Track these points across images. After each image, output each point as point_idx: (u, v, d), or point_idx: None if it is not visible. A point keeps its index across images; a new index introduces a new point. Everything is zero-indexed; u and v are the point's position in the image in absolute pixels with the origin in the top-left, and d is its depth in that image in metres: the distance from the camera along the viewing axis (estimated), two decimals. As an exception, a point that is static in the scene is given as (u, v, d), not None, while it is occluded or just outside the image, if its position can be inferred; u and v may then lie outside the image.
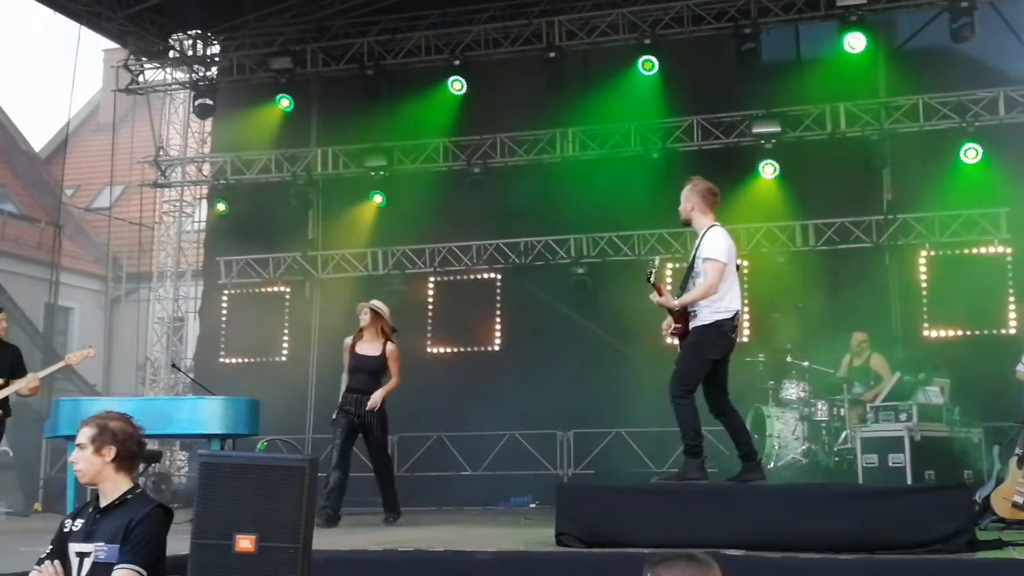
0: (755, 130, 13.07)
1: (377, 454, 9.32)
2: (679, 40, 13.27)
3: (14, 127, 23.74)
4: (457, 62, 13.91)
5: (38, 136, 25.81)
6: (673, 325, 6.90)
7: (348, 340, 9.42)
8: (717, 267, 6.69)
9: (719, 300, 6.73)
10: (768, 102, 13.11)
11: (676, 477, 6.96)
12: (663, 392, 6.96)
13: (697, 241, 6.93)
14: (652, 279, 6.87)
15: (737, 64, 12.86)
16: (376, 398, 9.16)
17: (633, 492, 6.84)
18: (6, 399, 8.62)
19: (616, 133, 13.66)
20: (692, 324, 6.83)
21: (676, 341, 7.01)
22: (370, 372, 9.25)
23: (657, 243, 13.41)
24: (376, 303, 9.40)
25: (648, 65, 13.12)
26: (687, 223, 7.07)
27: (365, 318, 9.25)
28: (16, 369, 8.76)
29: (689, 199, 6.96)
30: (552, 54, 13.39)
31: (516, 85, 13.96)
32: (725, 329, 6.78)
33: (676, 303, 6.84)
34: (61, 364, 9.99)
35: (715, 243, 6.77)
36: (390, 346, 9.25)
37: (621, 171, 13.43)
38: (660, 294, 6.90)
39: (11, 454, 12.77)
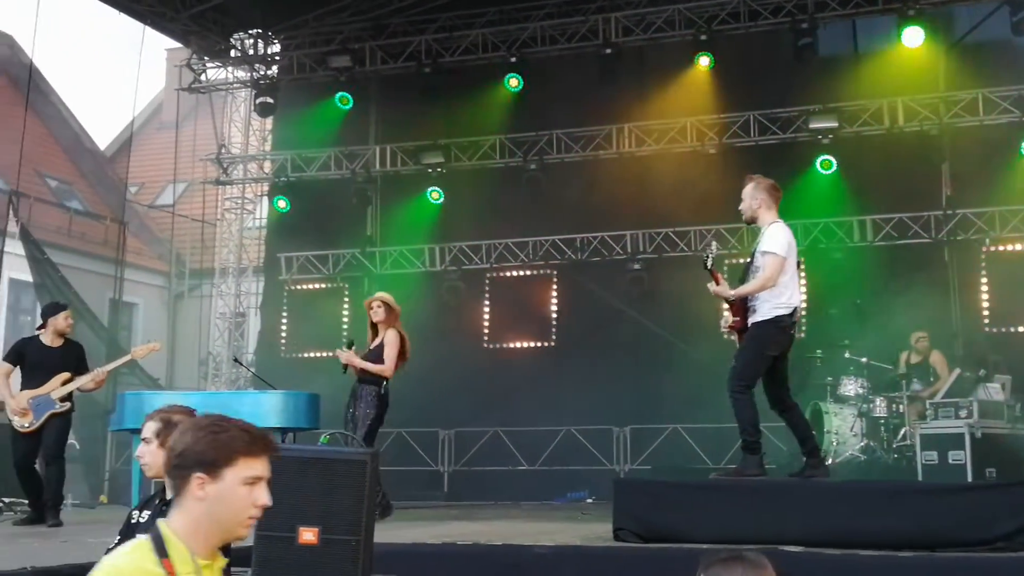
0: (812, 125, 12.96)
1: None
2: (735, 35, 13.21)
3: (80, 126, 24.22)
4: (514, 59, 13.97)
5: (103, 134, 26.38)
6: (732, 318, 6.89)
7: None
8: (776, 261, 6.67)
9: (778, 295, 6.71)
10: (825, 97, 13.00)
11: (734, 473, 6.95)
12: (721, 387, 6.96)
13: (759, 237, 6.91)
14: (710, 264, 6.86)
15: (794, 59, 12.77)
16: (349, 358, 8.75)
17: (691, 487, 6.85)
18: (70, 394, 8.85)
19: (672, 129, 13.63)
20: (751, 319, 6.82)
21: (735, 336, 7.00)
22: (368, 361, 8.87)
23: (714, 239, 13.31)
24: (383, 295, 9.06)
25: (705, 61, 13.09)
26: (751, 221, 7.02)
27: (379, 312, 8.88)
28: (80, 366, 8.98)
29: (755, 196, 6.93)
30: (608, 50, 13.39)
31: (572, 81, 14.00)
32: (784, 325, 6.76)
33: (732, 293, 6.84)
34: (127, 358, 10.24)
35: (776, 238, 6.76)
36: (389, 333, 8.80)
37: (677, 167, 13.42)
38: (717, 282, 6.89)
39: (77, 447, 13.04)
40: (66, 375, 8.80)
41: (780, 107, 13.27)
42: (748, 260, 7.03)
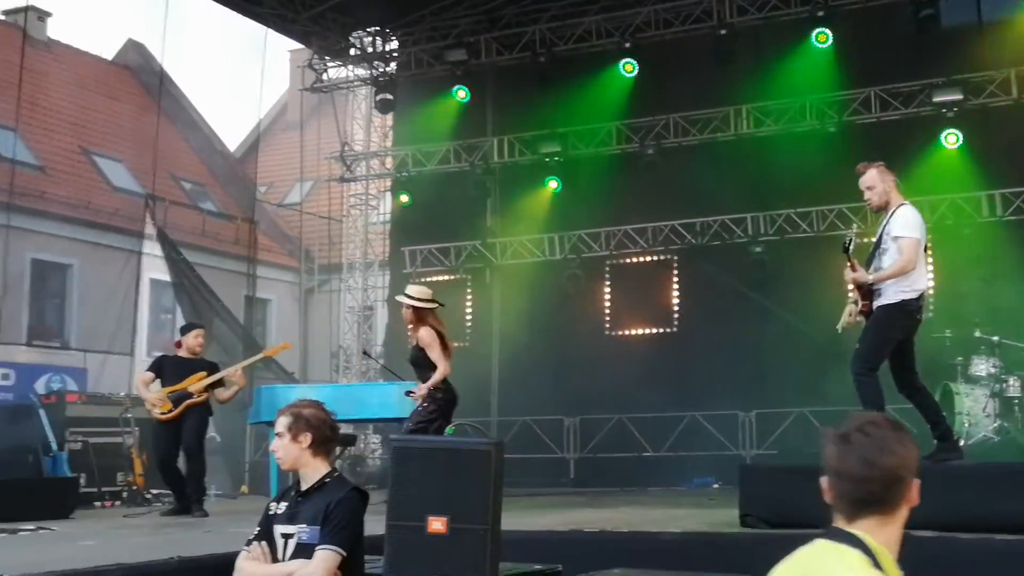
0: (935, 99, 12.55)
1: None
2: (853, 10, 12.90)
3: (210, 129, 25.15)
4: (628, 44, 13.95)
5: (232, 136, 27.27)
6: (861, 303, 6.77)
7: None
8: (912, 243, 6.53)
9: (904, 279, 6.57)
10: (948, 69, 12.57)
11: (862, 458, 6.83)
12: (846, 370, 6.86)
13: (886, 219, 6.75)
14: (850, 249, 6.75)
15: (915, 31, 12.37)
16: (417, 393, 8.07)
17: (818, 472, 6.73)
18: (207, 387, 9.18)
19: (791, 108, 13.39)
20: (877, 303, 6.69)
21: (861, 319, 6.88)
22: (413, 364, 8.35)
23: (837, 219, 13.08)
24: (403, 296, 8.42)
25: (822, 38, 12.82)
26: (881, 208, 6.79)
27: (406, 314, 8.27)
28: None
29: (884, 180, 6.75)
30: (723, 31, 13.23)
31: (687, 64, 13.88)
32: (910, 309, 6.63)
33: (871, 279, 6.70)
34: (259, 356, 10.65)
35: (909, 220, 6.62)
36: (422, 332, 8.09)
37: (797, 147, 13.16)
38: (853, 269, 6.77)
39: (218, 439, 13.60)
40: (202, 373, 9.20)
41: (902, 81, 12.88)
42: (875, 243, 6.85)
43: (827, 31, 12.76)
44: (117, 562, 4.86)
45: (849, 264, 6.78)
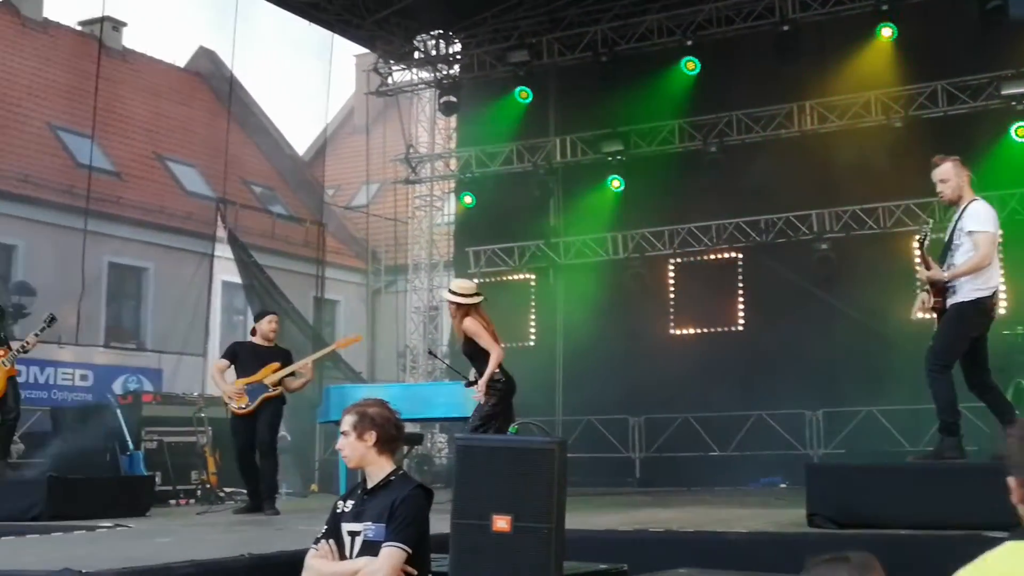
0: (1004, 91, 12.30)
1: None
2: (919, 3, 12.67)
3: (279, 133, 25.57)
4: (689, 42, 13.89)
5: (300, 140, 27.71)
6: (933, 299, 6.70)
7: None
8: (988, 238, 6.46)
9: (979, 276, 6.49)
10: (1018, 61, 12.29)
11: (932, 456, 6.75)
12: (916, 368, 6.79)
13: (958, 213, 6.66)
14: (926, 245, 6.66)
15: (981, 23, 12.13)
16: (479, 388, 7.99)
17: (887, 471, 6.69)
18: (281, 380, 9.34)
19: (855, 104, 13.22)
20: (950, 300, 6.60)
21: (934, 316, 6.80)
22: (468, 357, 8.29)
23: (904, 215, 12.90)
24: (447, 292, 8.41)
25: (886, 32, 12.65)
26: (953, 202, 6.70)
27: (452, 310, 8.30)
28: (286, 365, 9.41)
29: (959, 175, 6.66)
30: (786, 27, 13.12)
31: (749, 61, 13.79)
32: (984, 307, 6.55)
33: (947, 276, 6.62)
34: (329, 349, 10.80)
35: (983, 215, 6.53)
36: (467, 323, 8.01)
37: (862, 142, 13.01)
38: (928, 266, 6.70)
39: (289, 439, 13.82)
40: (276, 364, 9.31)
41: (969, 74, 12.64)
42: (947, 239, 6.76)
43: (892, 25, 12.59)
44: (190, 559, 4.96)
45: (923, 261, 6.70)
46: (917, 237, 6.76)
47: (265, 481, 9.29)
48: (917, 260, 7.15)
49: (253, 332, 9.68)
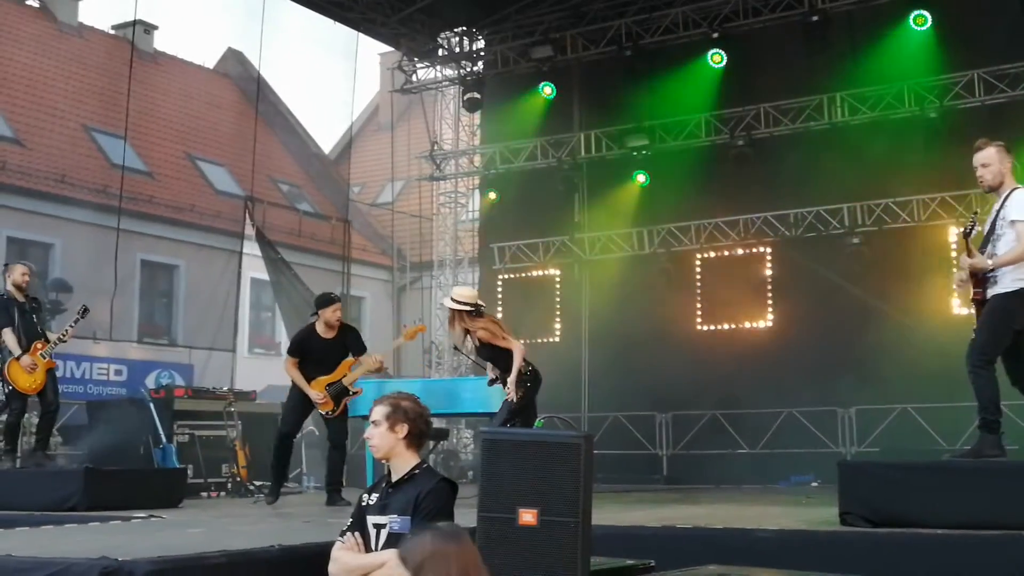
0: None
1: None
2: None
3: (305, 132, 25.69)
4: (715, 35, 13.74)
5: (326, 139, 27.90)
6: (973, 290, 6.54)
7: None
8: None
9: (1021, 266, 6.32)
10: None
11: (971, 454, 6.57)
12: (952, 365, 6.64)
13: (999, 203, 6.48)
14: (972, 234, 6.49)
15: (1021, 8, 11.87)
16: (509, 387, 8.10)
17: (924, 469, 6.51)
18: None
19: (888, 94, 13.00)
20: (992, 291, 6.43)
21: (972, 310, 6.63)
22: (489, 361, 8.49)
23: (939, 207, 12.68)
24: (448, 300, 8.54)
25: (920, 20, 12.44)
26: (993, 188, 6.51)
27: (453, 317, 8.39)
28: (357, 346, 9.25)
29: (1003, 161, 6.44)
30: (815, 18, 12.93)
31: (777, 53, 13.60)
32: None
33: (991, 264, 6.44)
34: (400, 341, 10.67)
35: None
36: (480, 332, 8.20)
37: (895, 134, 12.80)
38: (971, 255, 6.54)
39: (317, 433, 13.84)
40: (351, 360, 9.20)
41: (1008, 62, 12.31)
42: (988, 228, 6.59)
43: (925, 13, 12.37)
44: (221, 549, 5.07)
45: (967, 250, 6.54)
46: (963, 225, 6.54)
47: (338, 473, 9.24)
48: (954, 251, 6.97)
49: (315, 316, 9.38)
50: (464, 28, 16.25)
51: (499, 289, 16.04)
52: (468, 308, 8.25)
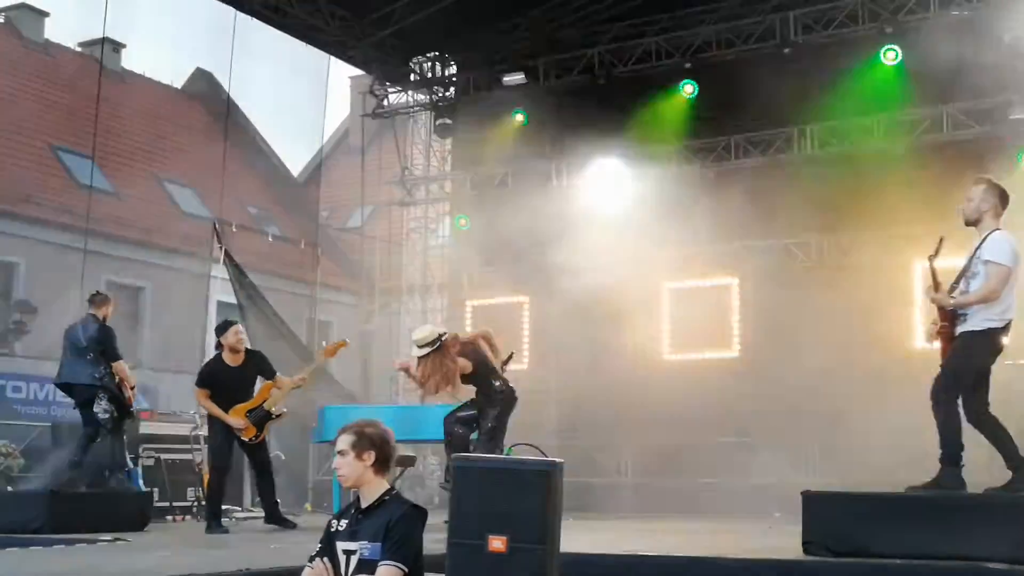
0: (1012, 116, 12.24)
1: None
2: (922, 26, 12.62)
3: (275, 155, 25.60)
4: (688, 65, 13.87)
5: (295, 162, 27.81)
6: (940, 324, 6.60)
7: None
8: (1002, 272, 6.31)
9: (995, 306, 6.37)
10: (1025, 85, 12.25)
11: (931, 485, 6.65)
12: (917, 397, 6.69)
13: (977, 243, 6.54)
14: (936, 256, 6.53)
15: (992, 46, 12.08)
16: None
17: (884, 500, 6.59)
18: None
19: (858, 127, 13.17)
20: (960, 328, 6.49)
21: (938, 343, 6.69)
22: (473, 384, 8.83)
23: (906, 243, 12.75)
24: (415, 350, 8.71)
25: (892, 55, 12.63)
26: (973, 223, 6.56)
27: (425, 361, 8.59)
28: (265, 371, 9.39)
29: (986, 199, 6.50)
30: (787, 50, 13.10)
31: (750, 84, 13.68)
32: (996, 339, 6.44)
33: (951, 303, 6.52)
34: (320, 360, 10.65)
35: (1003, 247, 6.37)
36: (460, 361, 8.52)
37: (865, 167, 12.95)
38: (936, 288, 6.59)
39: (283, 458, 13.74)
40: (270, 383, 9.25)
41: (977, 98, 12.50)
42: (963, 267, 6.62)
43: (896, 48, 12.58)
44: (189, 573, 5.11)
45: (933, 281, 6.59)
46: (932, 251, 6.60)
47: (271, 496, 9.36)
48: (919, 286, 7.04)
49: (219, 347, 9.42)
50: (436, 53, 16.31)
51: (468, 315, 16.00)
52: (433, 348, 8.36)
